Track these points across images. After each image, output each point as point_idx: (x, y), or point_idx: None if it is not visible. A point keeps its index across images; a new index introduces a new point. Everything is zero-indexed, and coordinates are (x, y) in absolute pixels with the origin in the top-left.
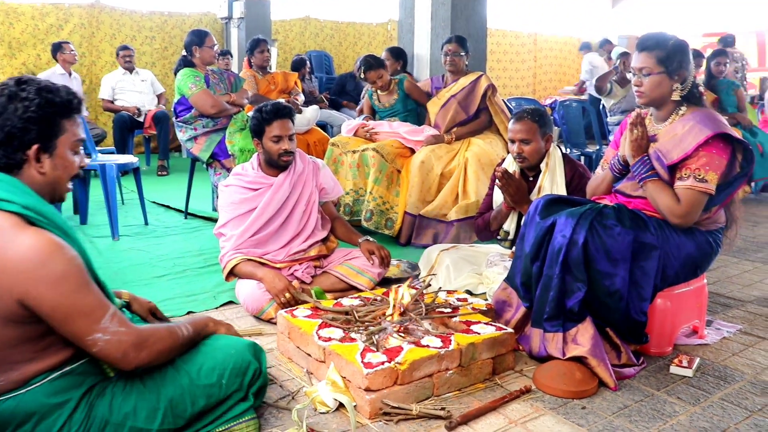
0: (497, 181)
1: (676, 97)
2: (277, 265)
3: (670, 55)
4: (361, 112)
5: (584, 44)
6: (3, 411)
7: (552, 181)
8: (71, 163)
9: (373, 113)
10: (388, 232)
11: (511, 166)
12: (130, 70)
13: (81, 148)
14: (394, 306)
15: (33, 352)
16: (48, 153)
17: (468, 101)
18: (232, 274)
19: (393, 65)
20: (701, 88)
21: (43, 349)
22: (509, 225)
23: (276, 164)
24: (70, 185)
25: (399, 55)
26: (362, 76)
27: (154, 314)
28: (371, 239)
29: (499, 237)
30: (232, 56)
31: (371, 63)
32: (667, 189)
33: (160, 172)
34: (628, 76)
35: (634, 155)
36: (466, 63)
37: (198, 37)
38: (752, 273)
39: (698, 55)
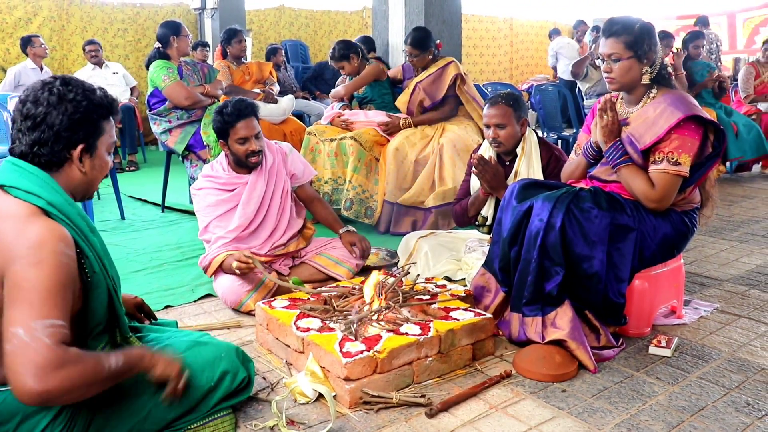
0: (473, 168)
1: (646, 80)
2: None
3: (637, 39)
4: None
5: (553, 30)
6: None
7: (528, 166)
8: (107, 163)
9: (351, 100)
10: (368, 221)
11: (487, 151)
12: (99, 64)
13: (113, 149)
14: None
15: None
16: (89, 153)
17: (434, 87)
18: (218, 269)
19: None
20: (670, 69)
21: None
22: (487, 210)
23: (247, 164)
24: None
25: (368, 44)
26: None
27: (141, 309)
28: (352, 229)
29: (477, 223)
30: (209, 48)
31: (333, 54)
32: (641, 174)
33: (129, 168)
34: (597, 62)
35: (606, 141)
36: (431, 56)
37: (173, 28)
38: (728, 252)
39: (666, 36)
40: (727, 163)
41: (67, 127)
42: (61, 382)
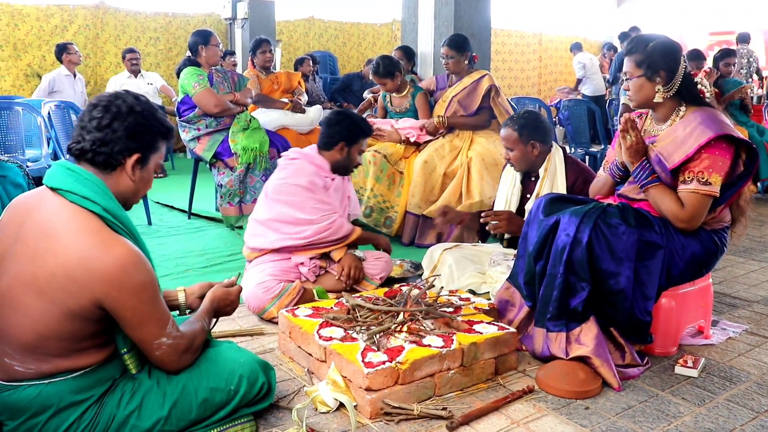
0: (487, 227)
1: (659, 99)
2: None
3: (646, 58)
4: (361, 111)
5: (575, 45)
6: (23, 397)
7: (552, 187)
8: (152, 179)
9: (385, 114)
10: (386, 230)
11: (511, 169)
12: (136, 73)
13: (159, 170)
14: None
15: (72, 350)
16: (141, 164)
17: (469, 100)
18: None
19: (405, 65)
20: (700, 87)
21: (82, 349)
22: None
23: (345, 171)
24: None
25: (411, 55)
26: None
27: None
28: (356, 254)
29: (496, 236)
30: (237, 56)
31: (378, 70)
32: (670, 193)
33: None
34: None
35: (633, 161)
36: (467, 62)
37: (202, 37)
38: (759, 273)
39: (698, 56)
40: (758, 183)
41: (129, 135)
42: (193, 356)
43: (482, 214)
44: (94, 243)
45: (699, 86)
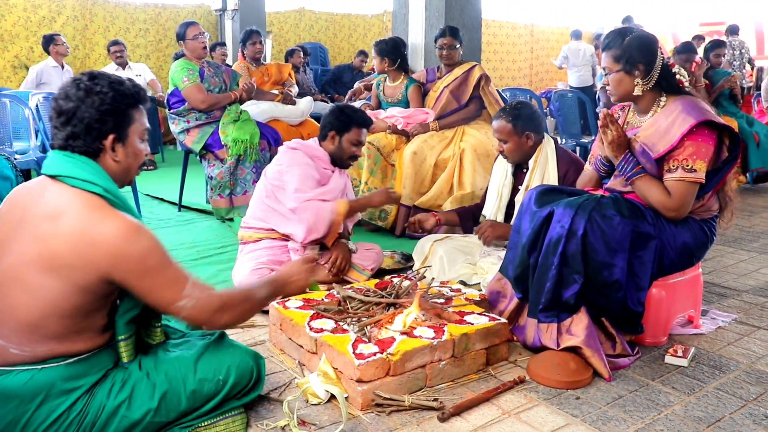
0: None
1: (638, 91)
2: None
3: (623, 52)
4: (348, 98)
5: (573, 32)
6: (14, 383)
7: (543, 179)
8: (140, 150)
9: (379, 103)
10: (381, 223)
11: (503, 161)
12: (123, 65)
13: (146, 137)
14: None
15: (70, 331)
16: (121, 142)
17: (460, 91)
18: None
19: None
20: (678, 76)
21: (79, 331)
22: (492, 213)
23: (341, 163)
24: (138, 170)
25: (403, 47)
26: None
27: None
28: (348, 245)
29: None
30: (227, 48)
31: (379, 43)
32: (657, 184)
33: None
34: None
35: (616, 155)
36: (460, 53)
37: (181, 31)
38: (748, 262)
39: (688, 49)
40: (747, 174)
41: (97, 119)
42: (231, 317)
43: (475, 230)
44: (94, 218)
45: (677, 76)
